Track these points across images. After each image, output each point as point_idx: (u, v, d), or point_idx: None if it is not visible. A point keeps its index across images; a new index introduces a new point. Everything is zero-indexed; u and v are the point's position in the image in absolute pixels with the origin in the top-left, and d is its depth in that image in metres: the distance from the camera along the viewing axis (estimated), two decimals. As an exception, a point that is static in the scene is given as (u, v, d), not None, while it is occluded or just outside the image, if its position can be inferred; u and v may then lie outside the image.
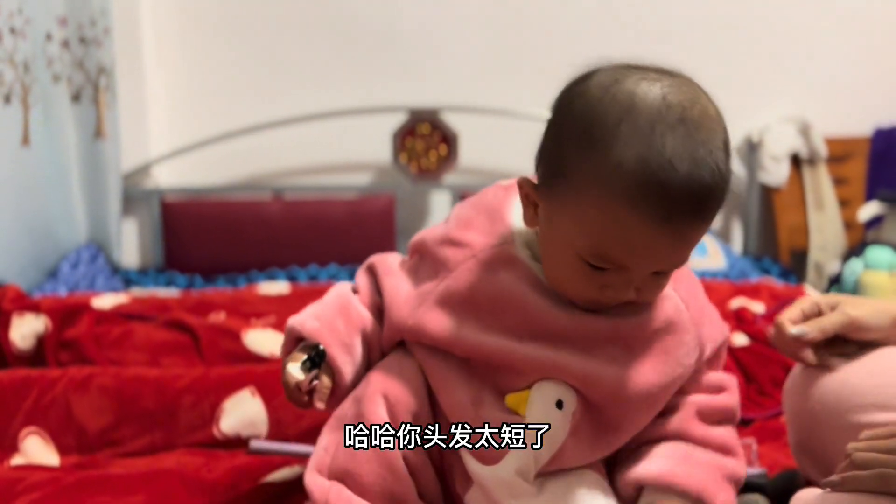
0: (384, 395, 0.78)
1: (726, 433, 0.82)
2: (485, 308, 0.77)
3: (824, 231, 2.69)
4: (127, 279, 2.34)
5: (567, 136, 0.69)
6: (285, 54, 2.60)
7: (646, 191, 0.64)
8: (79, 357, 1.31)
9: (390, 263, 0.89)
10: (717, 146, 0.68)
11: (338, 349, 0.83)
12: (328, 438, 0.81)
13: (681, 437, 0.80)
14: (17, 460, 1.11)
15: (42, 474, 1.00)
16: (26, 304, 1.35)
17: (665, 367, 0.76)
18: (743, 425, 1.27)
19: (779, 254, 2.71)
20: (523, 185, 0.75)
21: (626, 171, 0.64)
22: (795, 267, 2.69)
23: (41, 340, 1.32)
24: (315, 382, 0.80)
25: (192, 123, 2.60)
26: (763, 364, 1.38)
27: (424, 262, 0.85)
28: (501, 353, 0.76)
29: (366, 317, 0.87)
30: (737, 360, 1.40)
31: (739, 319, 1.57)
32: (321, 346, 0.81)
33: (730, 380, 0.84)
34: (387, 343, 0.86)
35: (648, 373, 0.76)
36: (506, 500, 0.75)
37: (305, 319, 0.84)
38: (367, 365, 0.86)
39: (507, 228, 0.80)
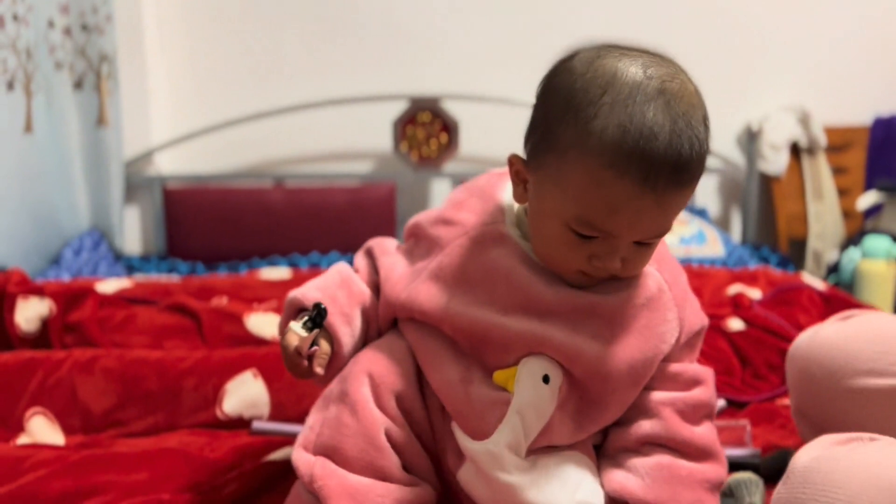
0: (369, 373, 0.80)
1: (707, 433, 0.83)
2: (474, 283, 0.80)
3: (823, 220, 2.71)
4: (129, 266, 2.35)
5: (553, 110, 0.72)
6: (287, 42, 2.61)
7: (628, 156, 0.67)
8: (83, 340, 1.33)
9: (387, 245, 0.93)
10: (696, 119, 0.71)
11: (338, 318, 0.84)
12: (314, 417, 0.83)
13: (666, 443, 0.81)
14: (22, 440, 1.13)
15: (48, 453, 1.02)
16: (30, 287, 1.37)
17: (647, 343, 0.78)
18: (737, 408, 1.29)
19: (777, 242, 2.72)
20: (513, 161, 0.78)
21: (609, 139, 0.68)
22: (794, 256, 2.71)
23: (46, 324, 1.34)
24: (315, 348, 0.81)
25: (193, 111, 2.61)
26: (758, 348, 1.39)
27: (419, 244, 0.88)
28: (488, 326, 0.78)
29: (366, 292, 0.89)
30: (732, 343, 1.41)
31: (736, 305, 1.58)
32: (322, 305, 0.81)
33: (705, 372, 0.85)
34: (383, 321, 0.88)
35: (631, 348, 0.78)
36: (498, 475, 0.76)
37: (307, 290, 0.86)
38: (365, 341, 0.88)
39: (498, 209, 0.83)
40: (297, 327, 0.80)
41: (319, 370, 0.82)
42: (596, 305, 0.77)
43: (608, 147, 0.68)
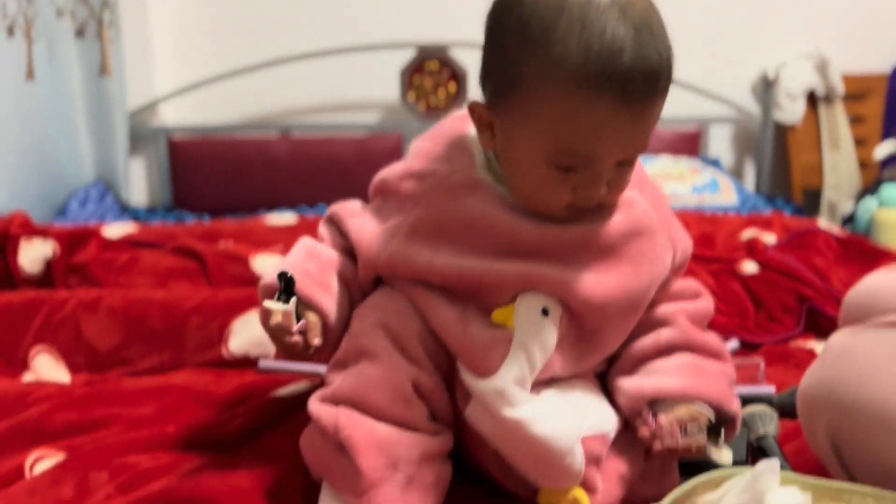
0: (383, 324, 0.77)
1: (717, 338, 0.85)
2: (456, 233, 0.77)
3: (839, 170, 2.66)
4: (136, 218, 2.34)
5: (508, 46, 0.70)
6: (291, -11, 2.55)
7: (598, 77, 0.66)
8: (87, 281, 1.32)
9: (351, 207, 0.89)
10: (656, 24, 0.70)
11: (315, 289, 0.80)
12: (331, 376, 0.79)
13: (686, 346, 0.81)
14: (28, 377, 1.12)
15: (52, 388, 1.01)
16: (34, 229, 1.35)
17: (640, 268, 0.77)
18: (751, 349, 1.27)
19: (791, 193, 2.68)
20: (475, 108, 0.76)
21: (574, 64, 0.66)
22: (808, 207, 2.66)
23: (49, 265, 1.33)
24: (302, 321, 0.77)
25: (197, 61, 2.57)
26: (772, 291, 1.37)
27: (387, 201, 0.84)
28: (479, 274, 0.76)
29: (335, 257, 0.85)
30: (746, 286, 1.39)
31: (750, 249, 1.55)
32: (287, 273, 0.77)
33: (699, 287, 0.87)
34: (365, 282, 0.84)
35: (625, 277, 0.77)
36: (504, 412, 0.74)
37: (273, 273, 0.81)
38: (350, 304, 0.84)
39: (467, 154, 0.80)
40: (271, 303, 0.75)
41: (317, 340, 0.78)
42: (584, 238, 0.76)
43: (575, 72, 0.66)
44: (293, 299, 0.76)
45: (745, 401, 1.01)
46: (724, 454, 0.76)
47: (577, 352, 0.78)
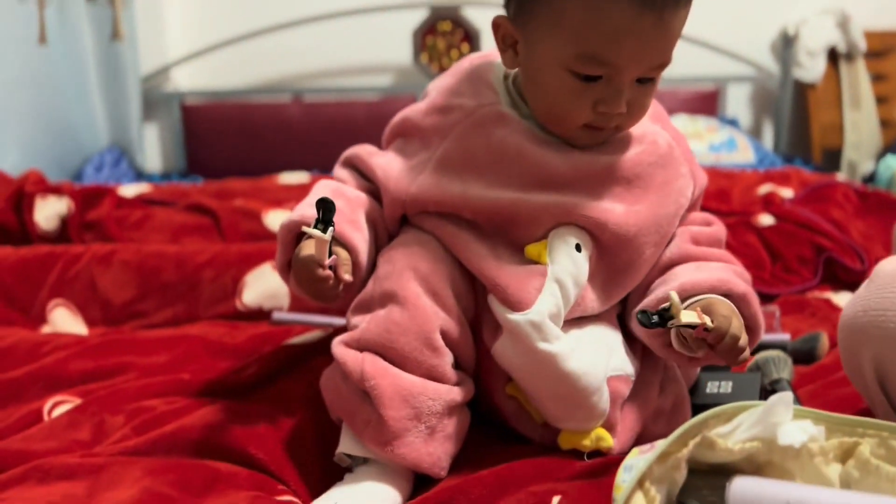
0: (413, 268, 0.76)
1: (724, 252, 0.83)
2: (485, 166, 0.77)
3: (860, 129, 2.61)
4: (150, 182, 2.35)
5: None
6: (302, -49, 2.53)
7: None
8: (101, 238, 1.33)
9: (370, 148, 0.88)
10: None
11: (346, 226, 0.78)
12: (355, 318, 0.78)
13: (684, 259, 0.80)
14: (45, 330, 1.13)
15: (68, 338, 1.02)
16: (49, 187, 1.36)
17: (667, 198, 0.78)
18: (768, 300, 1.26)
19: (811, 153, 2.63)
20: (500, 22, 0.76)
21: None
22: (828, 166, 2.62)
23: (65, 222, 1.34)
24: (333, 257, 0.74)
25: (209, 25, 2.55)
26: (789, 242, 1.35)
27: (411, 139, 0.83)
28: (511, 206, 0.75)
29: (362, 196, 0.84)
30: (763, 238, 1.37)
31: (767, 203, 1.53)
32: (328, 199, 0.72)
33: (712, 217, 0.87)
34: (391, 221, 0.83)
35: (654, 206, 0.77)
36: (539, 346, 0.73)
37: (301, 210, 0.79)
38: (377, 246, 0.83)
39: (492, 90, 0.80)
40: (312, 230, 0.70)
41: (348, 276, 0.74)
42: (612, 168, 0.76)
43: None
44: (331, 228, 0.70)
45: (760, 347, 1.00)
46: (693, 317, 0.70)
47: (605, 289, 0.78)
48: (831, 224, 1.41)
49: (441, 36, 2.51)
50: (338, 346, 0.76)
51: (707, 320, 0.70)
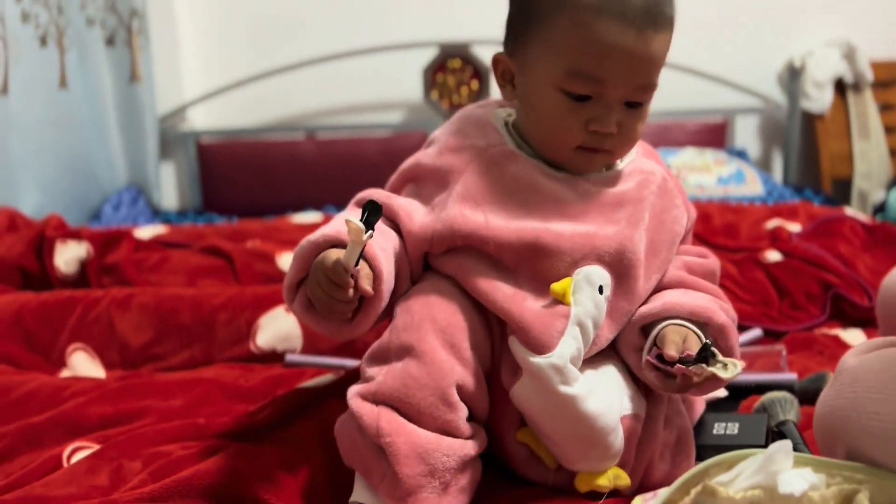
0: (432, 319, 0.76)
1: (714, 287, 0.85)
2: (503, 199, 0.80)
3: (869, 159, 2.62)
4: (167, 221, 2.39)
5: (543, 4, 0.78)
6: (314, -8, 2.59)
7: (599, 1, 0.75)
8: (119, 281, 1.36)
9: (386, 192, 0.88)
10: None
11: (377, 250, 0.77)
12: (371, 369, 0.78)
13: (674, 285, 0.83)
14: (65, 374, 1.16)
15: (88, 382, 1.05)
16: (69, 231, 1.40)
17: (664, 226, 0.83)
18: (775, 337, 1.26)
19: (821, 183, 2.64)
20: (500, 59, 0.83)
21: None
22: (838, 196, 2.63)
23: (84, 266, 1.37)
24: (357, 268, 0.72)
25: (224, 65, 2.62)
26: (796, 279, 1.36)
27: (424, 183, 0.84)
28: (533, 235, 0.77)
29: (392, 233, 0.83)
30: (770, 275, 1.38)
31: (774, 238, 1.54)
32: (377, 201, 0.72)
33: (707, 250, 0.90)
34: (414, 262, 0.83)
35: (655, 232, 0.82)
36: (560, 389, 0.74)
37: (331, 228, 0.78)
38: (398, 281, 0.82)
39: (495, 132, 0.84)
40: (355, 221, 0.69)
41: (369, 287, 0.73)
42: (619, 198, 0.81)
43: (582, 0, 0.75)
44: (371, 232, 0.70)
45: (767, 387, 1.01)
46: (728, 368, 0.72)
47: (616, 315, 0.80)
48: (839, 259, 1.41)
49: (451, 73, 2.55)
50: (354, 399, 0.76)
51: (721, 371, 0.72)
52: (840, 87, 2.62)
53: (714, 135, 2.62)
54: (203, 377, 1.07)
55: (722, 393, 1.04)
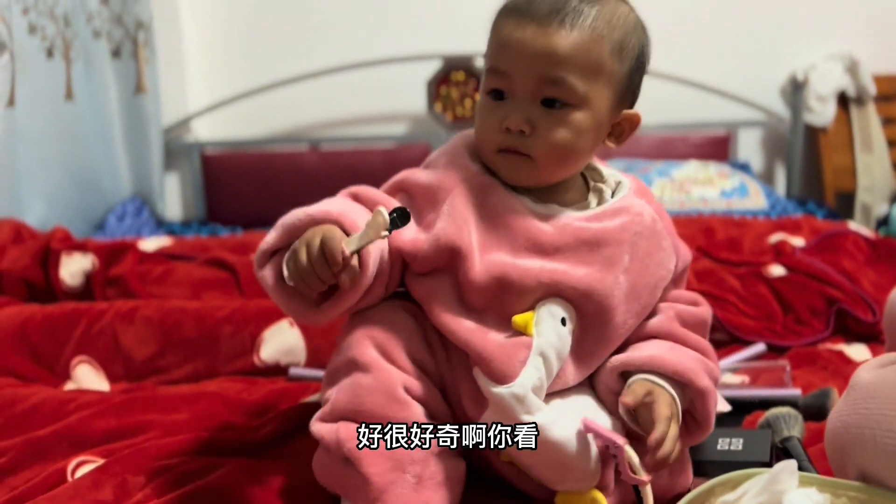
0: (370, 337, 0.79)
1: (704, 341, 0.85)
2: (480, 229, 0.80)
3: (872, 172, 2.62)
4: (171, 232, 2.39)
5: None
6: (318, 5, 2.60)
7: (517, 2, 0.80)
8: (124, 293, 1.36)
9: (376, 191, 0.88)
10: None
11: (372, 246, 0.77)
12: (327, 392, 0.81)
13: (664, 336, 0.83)
14: (69, 386, 1.16)
15: (92, 395, 1.05)
16: (74, 244, 1.40)
17: (648, 269, 0.81)
18: (779, 352, 1.26)
19: (824, 197, 2.64)
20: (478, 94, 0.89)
21: (508, 3, 0.82)
22: (841, 210, 2.62)
23: (89, 278, 1.37)
24: (350, 255, 0.73)
25: (229, 77, 2.63)
26: (800, 293, 1.36)
27: (416, 198, 0.85)
28: (500, 270, 0.78)
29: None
30: (774, 289, 1.38)
31: (778, 252, 1.55)
32: (407, 210, 0.74)
33: (700, 297, 0.89)
34: (395, 270, 0.84)
35: (635, 275, 0.80)
36: (523, 418, 0.75)
37: (337, 207, 0.78)
38: (370, 290, 0.82)
39: (478, 163, 0.84)
40: (384, 212, 0.71)
41: (347, 281, 0.75)
42: (598, 237, 0.80)
43: (505, 7, 0.81)
44: (387, 233, 0.73)
45: (770, 403, 1.01)
46: (638, 473, 0.74)
47: (586, 358, 0.80)
48: (842, 274, 1.41)
49: (454, 86, 2.56)
50: (315, 424, 0.79)
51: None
52: (843, 100, 2.62)
53: (717, 148, 2.62)
54: (207, 391, 1.08)
55: (725, 407, 1.05)
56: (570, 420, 0.76)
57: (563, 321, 0.77)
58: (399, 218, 0.73)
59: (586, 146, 0.81)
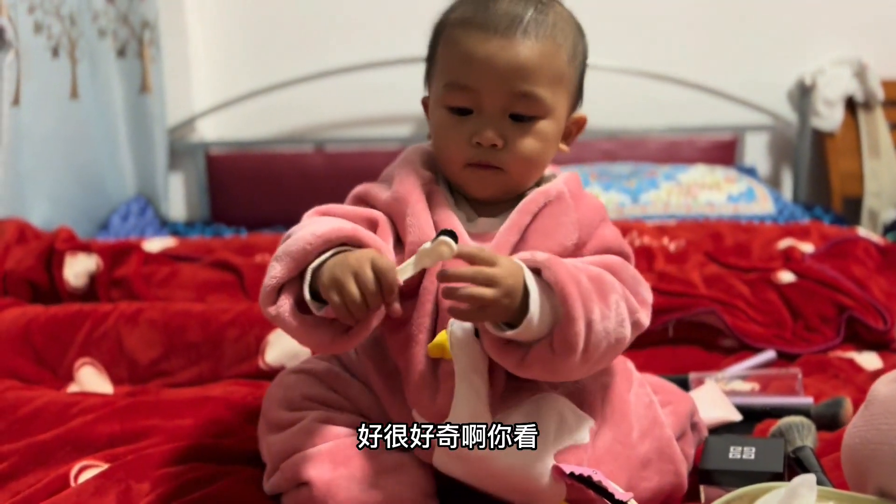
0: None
1: (601, 270, 0.78)
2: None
3: (880, 178, 2.60)
4: (175, 232, 2.38)
5: (431, 37, 0.84)
6: (325, 6, 2.59)
7: (469, 16, 0.79)
8: (129, 295, 1.35)
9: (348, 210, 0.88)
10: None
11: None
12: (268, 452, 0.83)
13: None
14: (72, 389, 1.15)
15: (95, 399, 1.04)
16: (78, 244, 1.40)
17: (551, 238, 0.80)
18: (788, 360, 1.25)
19: (831, 202, 2.62)
20: (424, 101, 0.88)
21: (457, 15, 0.80)
22: (848, 215, 2.61)
23: (93, 279, 1.36)
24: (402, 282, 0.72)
25: (234, 77, 2.62)
26: (810, 300, 1.35)
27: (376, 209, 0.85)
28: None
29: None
30: (783, 296, 1.37)
31: (787, 258, 1.53)
32: (455, 232, 0.73)
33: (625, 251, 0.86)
34: None
35: (543, 241, 0.80)
36: (465, 453, 0.74)
37: (342, 226, 0.77)
38: None
39: (432, 170, 0.84)
40: (448, 240, 0.69)
41: (399, 308, 0.74)
42: (508, 227, 0.80)
43: (456, 20, 0.80)
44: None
45: (782, 411, 1.00)
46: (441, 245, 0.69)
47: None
48: (852, 281, 1.40)
49: (460, 87, 2.55)
50: (267, 487, 0.82)
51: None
52: (851, 105, 2.61)
53: (723, 152, 2.61)
54: (211, 395, 1.06)
55: (736, 416, 1.03)
56: (519, 442, 0.74)
57: (476, 332, 0.74)
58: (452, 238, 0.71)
59: (551, 153, 0.83)
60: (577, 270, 0.72)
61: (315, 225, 0.76)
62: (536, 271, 0.72)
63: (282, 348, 1.19)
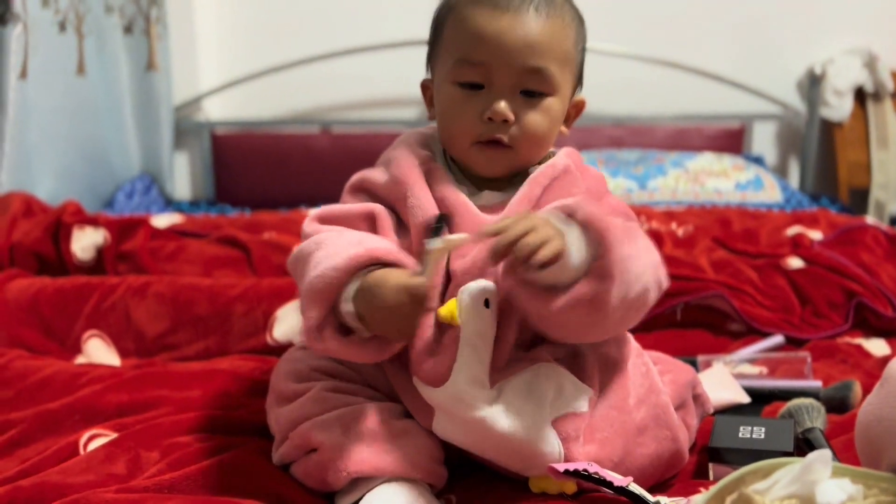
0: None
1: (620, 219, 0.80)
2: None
3: (887, 169, 2.59)
4: (179, 210, 2.37)
5: (436, 17, 0.85)
6: (333, -14, 2.58)
7: None
8: (136, 269, 1.35)
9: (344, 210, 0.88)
10: None
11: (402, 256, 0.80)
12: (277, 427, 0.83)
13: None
14: (80, 360, 1.15)
15: (103, 370, 1.04)
16: (86, 218, 1.39)
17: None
18: (798, 345, 1.25)
19: (838, 192, 2.62)
20: (425, 84, 0.89)
21: None
22: (855, 206, 2.60)
23: (100, 252, 1.36)
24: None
25: (241, 57, 2.60)
26: (818, 286, 1.34)
27: (378, 198, 0.85)
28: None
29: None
30: (792, 282, 1.36)
31: (796, 244, 1.53)
32: (447, 214, 0.77)
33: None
34: None
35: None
36: (467, 414, 0.74)
37: (377, 245, 0.78)
38: None
39: (430, 150, 0.86)
40: (461, 237, 0.72)
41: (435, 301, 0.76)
42: (516, 202, 0.81)
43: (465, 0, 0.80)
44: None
45: (790, 394, 1.00)
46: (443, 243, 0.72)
47: (517, 324, 0.78)
48: (861, 268, 1.40)
49: (468, 71, 2.54)
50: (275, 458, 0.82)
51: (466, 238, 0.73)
52: (860, 95, 2.60)
53: (731, 140, 2.60)
54: (219, 368, 1.06)
55: (745, 398, 1.03)
56: (518, 407, 0.75)
57: (486, 303, 0.75)
58: (441, 226, 0.75)
59: (556, 132, 0.84)
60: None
61: (329, 254, 0.76)
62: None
63: (290, 324, 1.19)
